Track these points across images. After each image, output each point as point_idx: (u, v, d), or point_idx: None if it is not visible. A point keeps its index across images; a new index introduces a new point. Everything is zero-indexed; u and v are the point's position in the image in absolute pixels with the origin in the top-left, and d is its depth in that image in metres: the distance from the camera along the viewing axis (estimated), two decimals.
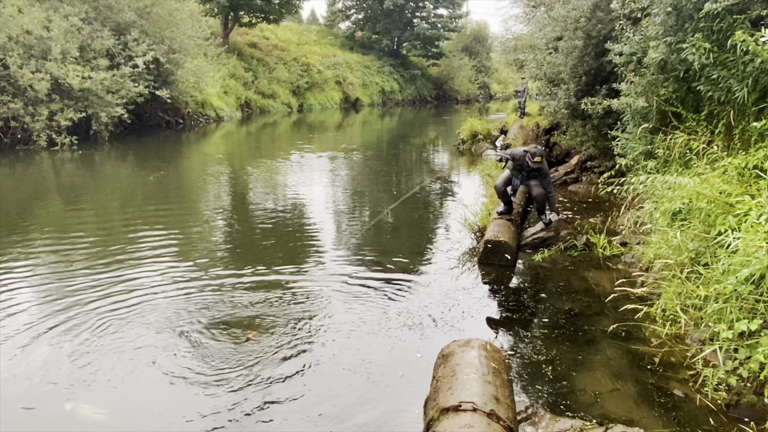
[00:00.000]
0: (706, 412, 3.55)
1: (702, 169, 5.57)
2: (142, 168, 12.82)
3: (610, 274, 5.91)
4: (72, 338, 4.42)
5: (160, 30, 17.75)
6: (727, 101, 5.65)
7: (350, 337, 4.58)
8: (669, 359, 4.17)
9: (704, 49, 5.35)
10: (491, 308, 5.24)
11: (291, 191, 10.79)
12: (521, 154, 7.09)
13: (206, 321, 4.76)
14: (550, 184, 7.09)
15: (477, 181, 11.52)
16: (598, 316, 4.97)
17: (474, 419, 2.82)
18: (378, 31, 40.90)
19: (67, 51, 14.60)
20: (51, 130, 14.40)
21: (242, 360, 4.13)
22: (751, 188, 4.72)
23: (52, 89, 14.35)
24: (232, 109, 24.25)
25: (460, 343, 3.63)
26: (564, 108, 10.25)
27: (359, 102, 35.17)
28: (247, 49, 29.67)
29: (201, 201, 9.87)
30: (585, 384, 3.91)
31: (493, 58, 52.14)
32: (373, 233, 7.84)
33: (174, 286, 5.53)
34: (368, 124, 27.08)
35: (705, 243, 4.68)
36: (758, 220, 4.06)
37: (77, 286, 5.44)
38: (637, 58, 7.05)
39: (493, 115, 28.20)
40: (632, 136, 7.31)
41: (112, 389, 3.80)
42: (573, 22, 9.31)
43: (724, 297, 3.98)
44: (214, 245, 7.13)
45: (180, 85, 19.11)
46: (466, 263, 6.37)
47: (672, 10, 5.90)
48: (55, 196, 10.10)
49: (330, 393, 3.77)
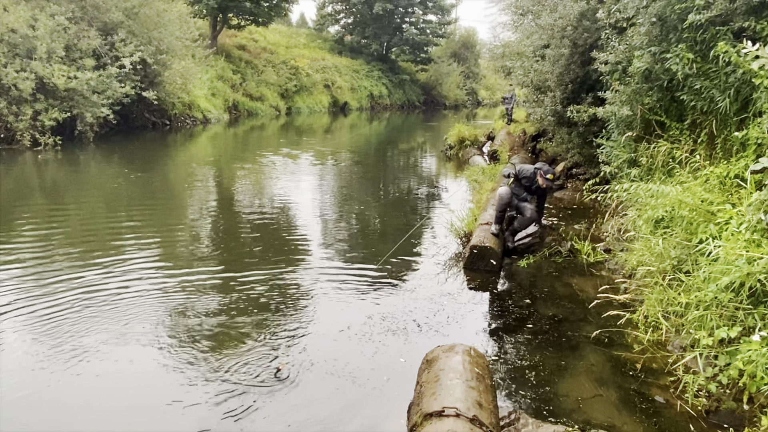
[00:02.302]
0: (687, 418, 3.59)
1: (684, 177, 5.66)
2: (126, 168, 12.70)
3: (594, 281, 5.95)
4: (48, 338, 4.37)
5: (148, 31, 17.63)
6: (710, 111, 5.74)
7: (336, 340, 4.57)
8: (651, 365, 4.22)
9: (688, 60, 5.44)
10: (476, 313, 5.25)
11: (277, 196, 10.75)
12: (531, 172, 6.63)
13: (187, 325, 4.73)
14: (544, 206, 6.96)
15: (464, 186, 11.56)
16: (581, 322, 5.01)
17: (457, 425, 2.83)
18: (367, 35, 41.01)
19: (52, 50, 14.45)
20: (35, 129, 14.24)
21: (223, 365, 4.10)
22: (732, 197, 4.80)
23: (36, 89, 14.19)
24: (220, 111, 24.13)
25: (444, 348, 3.63)
26: (550, 115, 10.35)
27: (348, 106, 35.19)
28: (236, 51, 29.58)
29: (182, 203, 9.79)
30: (568, 389, 3.93)
31: (481, 65, 52.52)
32: (359, 238, 7.83)
33: (154, 286, 5.48)
34: (356, 128, 27.09)
35: (687, 251, 4.74)
36: (739, 229, 4.13)
37: (55, 285, 5.38)
38: (622, 67, 7.15)
39: (480, 121, 28.33)
40: (617, 144, 7.40)
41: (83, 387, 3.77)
42: (560, 31, 9.41)
43: (704, 304, 4.03)
44: (197, 247, 7.08)
45: (167, 86, 18.99)
46: (451, 268, 6.38)
47: (656, 21, 5.99)
48: (38, 195, 9.97)
49: (311, 398, 3.75)
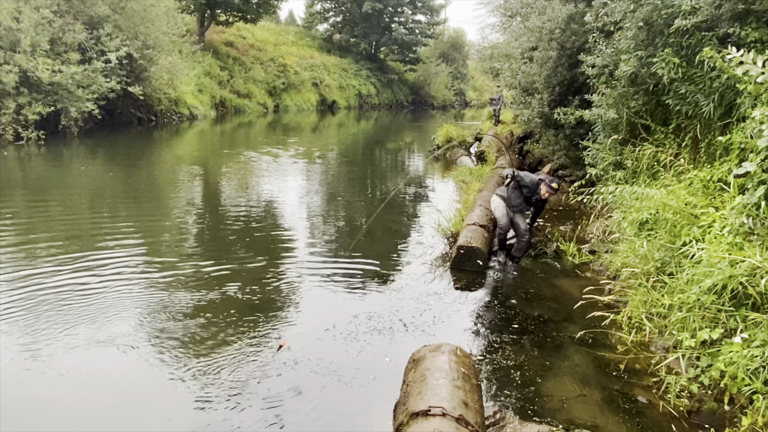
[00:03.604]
0: (669, 418, 3.64)
1: (669, 180, 5.73)
2: (110, 164, 12.57)
3: (579, 282, 6.00)
4: (26, 330, 4.31)
5: (135, 25, 17.44)
6: (694, 115, 5.82)
7: (321, 339, 4.56)
8: (634, 366, 4.26)
9: (673, 64, 5.50)
10: (462, 313, 5.27)
11: (262, 195, 10.70)
12: (535, 182, 6.41)
13: (168, 324, 4.69)
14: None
15: (451, 186, 11.60)
16: (566, 323, 5.05)
17: (443, 424, 2.83)
18: (356, 34, 40.95)
19: (37, 43, 14.23)
20: (18, 124, 14.03)
21: (208, 363, 4.08)
22: (715, 200, 4.87)
23: (20, 82, 13.96)
24: (207, 108, 23.95)
25: (430, 347, 3.65)
26: (537, 117, 10.42)
27: (336, 104, 35.12)
28: (224, 47, 29.36)
29: (165, 199, 9.71)
30: (552, 389, 3.96)
31: (470, 66, 52.66)
32: (345, 237, 7.82)
33: (132, 282, 5.44)
34: (344, 127, 27.04)
35: (670, 253, 4.80)
36: (721, 232, 4.19)
37: (35, 279, 5.32)
38: (608, 71, 7.22)
39: (468, 122, 28.43)
40: (602, 146, 7.47)
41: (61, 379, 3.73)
42: (548, 33, 9.47)
43: (687, 306, 4.09)
44: (179, 245, 7.02)
45: (153, 81, 18.79)
46: (438, 268, 6.40)
47: (643, 25, 6.05)
48: (19, 189, 9.83)
49: (297, 397, 3.74)
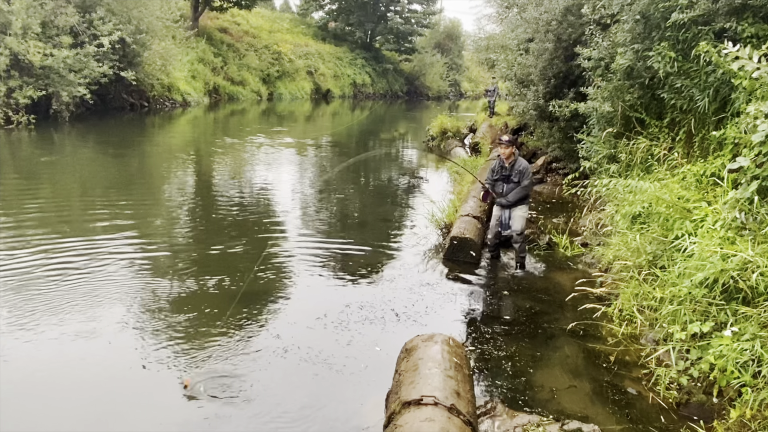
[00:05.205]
0: (658, 410, 3.67)
1: (662, 174, 5.75)
2: (100, 150, 12.47)
3: (571, 274, 6.03)
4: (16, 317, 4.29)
5: (128, 9, 17.25)
6: (689, 110, 5.83)
7: (311, 328, 4.55)
8: (624, 358, 4.30)
9: (669, 58, 5.50)
10: (455, 304, 5.29)
11: (255, 183, 10.66)
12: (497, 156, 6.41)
13: (158, 309, 4.68)
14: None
15: (445, 177, 11.59)
16: (557, 315, 5.08)
17: (435, 413, 2.85)
18: (351, 22, 40.68)
19: (28, 26, 14.05)
20: (8, 107, 13.88)
21: (198, 354, 4.06)
22: (708, 195, 4.88)
23: (11, 65, 13.82)
24: (200, 95, 23.76)
25: (423, 337, 3.65)
26: (532, 109, 10.40)
27: (330, 93, 34.95)
28: (217, 33, 29.07)
29: (156, 185, 9.66)
30: (543, 380, 3.99)
31: (465, 57, 52.46)
32: (339, 226, 7.81)
33: (121, 267, 5.42)
34: (339, 117, 26.94)
35: (662, 246, 4.82)
36: (714, 226, 4.21)
37: (23, 266, 5.28)
38: (604, 64, 7.20)
39: (462, 113, 28.37)
40: (597, 139, 7.47)
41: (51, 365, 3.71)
42: (544, 25, 9.44)
43: (678, 299, 4.11)
44: (170, 230, 6.99)
45: (146, 67, 18.63)
46: (431, 259, 6.40)
47: (640, 18, 6.04)
48: (8, 174, 9.73)
49: (288, 384, 3.75)
